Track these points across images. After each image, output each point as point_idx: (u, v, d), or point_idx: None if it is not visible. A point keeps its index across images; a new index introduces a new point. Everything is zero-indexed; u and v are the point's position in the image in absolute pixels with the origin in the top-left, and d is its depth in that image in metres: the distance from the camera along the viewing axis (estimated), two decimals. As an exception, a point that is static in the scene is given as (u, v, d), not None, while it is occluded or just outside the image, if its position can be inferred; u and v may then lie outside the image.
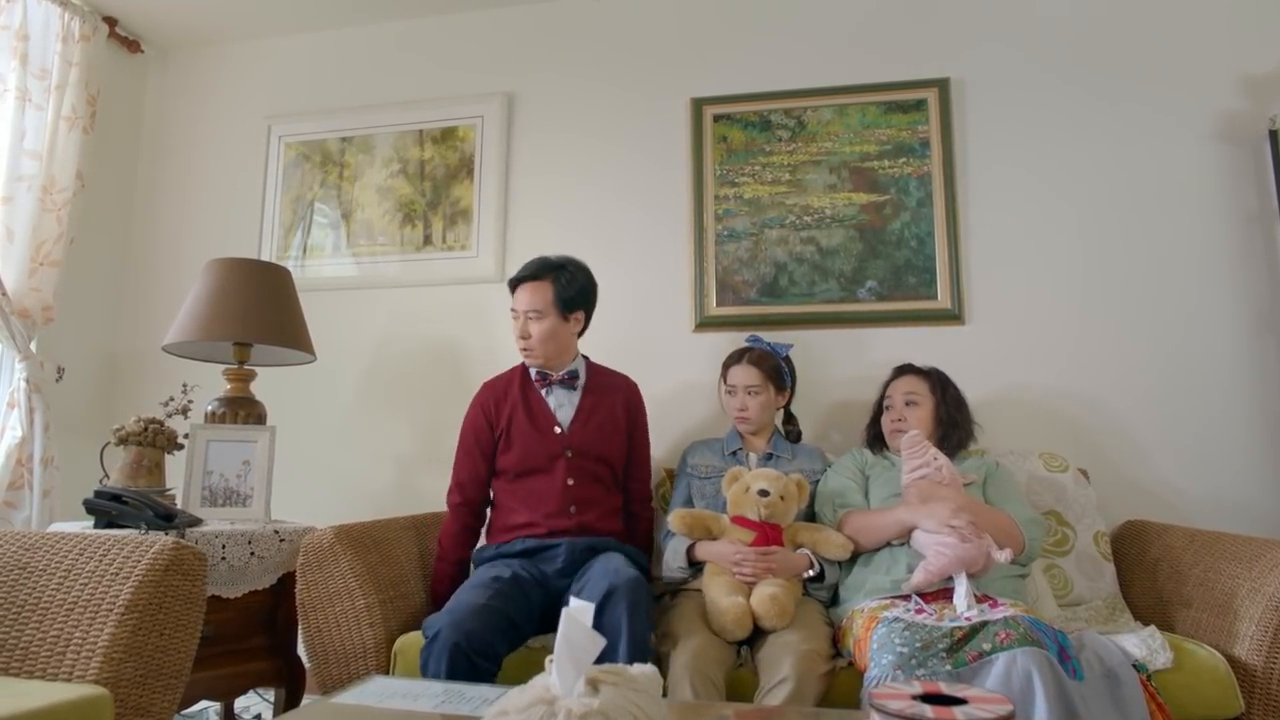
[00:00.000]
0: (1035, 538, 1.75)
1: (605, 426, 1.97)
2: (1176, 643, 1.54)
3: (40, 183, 2.51)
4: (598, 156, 2.70)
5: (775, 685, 1.45)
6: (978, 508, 1.73)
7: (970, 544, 1.58)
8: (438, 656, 1.49)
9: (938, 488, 1.73)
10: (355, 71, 2.94)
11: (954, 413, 1.95)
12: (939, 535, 1.62)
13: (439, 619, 1.56)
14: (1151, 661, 1.46)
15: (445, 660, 1.48)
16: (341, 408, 2.74)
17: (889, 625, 1.43)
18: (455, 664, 1.48)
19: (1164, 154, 2.34)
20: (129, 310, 2.96)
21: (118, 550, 1.43)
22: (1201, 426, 2.22)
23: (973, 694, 0.74)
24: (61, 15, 2.61)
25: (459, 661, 1.48)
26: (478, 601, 1.59)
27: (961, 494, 1.74)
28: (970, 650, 1.34)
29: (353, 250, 2.83)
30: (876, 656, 1.40)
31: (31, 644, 1.35)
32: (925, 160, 2.45)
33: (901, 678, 1.34)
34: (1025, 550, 1.72)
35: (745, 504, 1.82)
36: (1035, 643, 1.31)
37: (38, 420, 2.43)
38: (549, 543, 1.83)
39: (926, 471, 1.77)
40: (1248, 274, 2.25)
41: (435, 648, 1.51)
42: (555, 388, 2.00)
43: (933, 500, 1.70)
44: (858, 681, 1.45)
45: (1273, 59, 2.29)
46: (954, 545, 1.57)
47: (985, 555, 1.58)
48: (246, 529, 1.91)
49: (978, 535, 1.60)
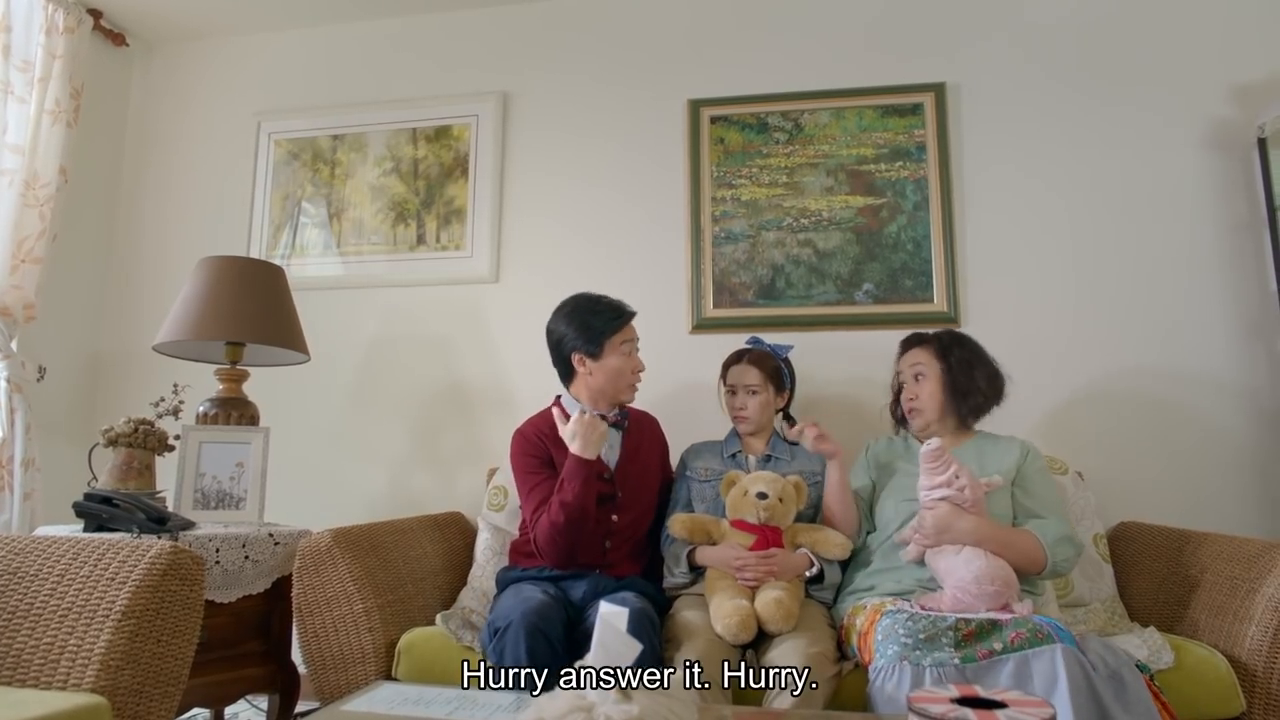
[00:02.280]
0: (1063, 559, 1.63)
1: (647, 466, 1.98)
2: (1176, 643, 1.56)
3: (23, 177, 2.45)
4: (594, 157, 2.69)
5: (785, 688, 1.44)
6: (999, 537, 1.61)
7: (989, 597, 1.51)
8: (514, 641, 1.49)
9: (957, 516, 1.61)
10: (347, 69, 2.90)
11: (963, 379, 1.82)
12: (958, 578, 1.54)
13: (509, 611, 1.56)
14: (1154, 662, 1.47)
15: (524, 642, 1.48)
16: (333, 409, 2.70)
17: (893, 617, 1.44)
18: (535, 646, 1.49)
19: (1155, 160, 2.37)
20: (113, 309, 2.90)
21: (113, 555, 1.39)
22: (1192, 430, 2.25)
23: (1012, 697, 0.73)
24: (45, 6, 2.55)
25: (538, 643, 1.49)
26: (538, 595, 1.61)
27: (984, 523, 1.62)
28: (980, 648, 1.34)
29: (344, 250, 2.79)
30: (881, 647, 1.40)
31: (24, 652, 1.31)
32: (921, 164, 2.47)
33: (908, 668, 1.34)
34: (1048, 569, 1.62)
35: (744, 507, 1.82)
36: (1048, 640, 1.31)
37: (19, 421, 2.37)
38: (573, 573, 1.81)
39: (947, 493, 1.63)
40: (1238, 280, 2.28)
41: (510, 635, 1.50)
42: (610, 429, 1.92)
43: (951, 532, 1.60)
44: (865, 681, 1.45)
45: (1262, 68, 2.33)
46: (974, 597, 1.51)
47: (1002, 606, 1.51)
48: (240, 532, 1.87)
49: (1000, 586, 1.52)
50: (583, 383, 1.92)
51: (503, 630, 1.53)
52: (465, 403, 2.64)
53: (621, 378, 1.91)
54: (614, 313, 1.91)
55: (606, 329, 1.88)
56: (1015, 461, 1.79)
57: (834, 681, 1.50)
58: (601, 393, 1.91)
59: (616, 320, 1.90)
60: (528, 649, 1.48)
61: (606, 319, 1.89)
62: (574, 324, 1.90)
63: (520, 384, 2.58)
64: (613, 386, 1.91)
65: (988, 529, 1.61)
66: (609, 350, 1.88)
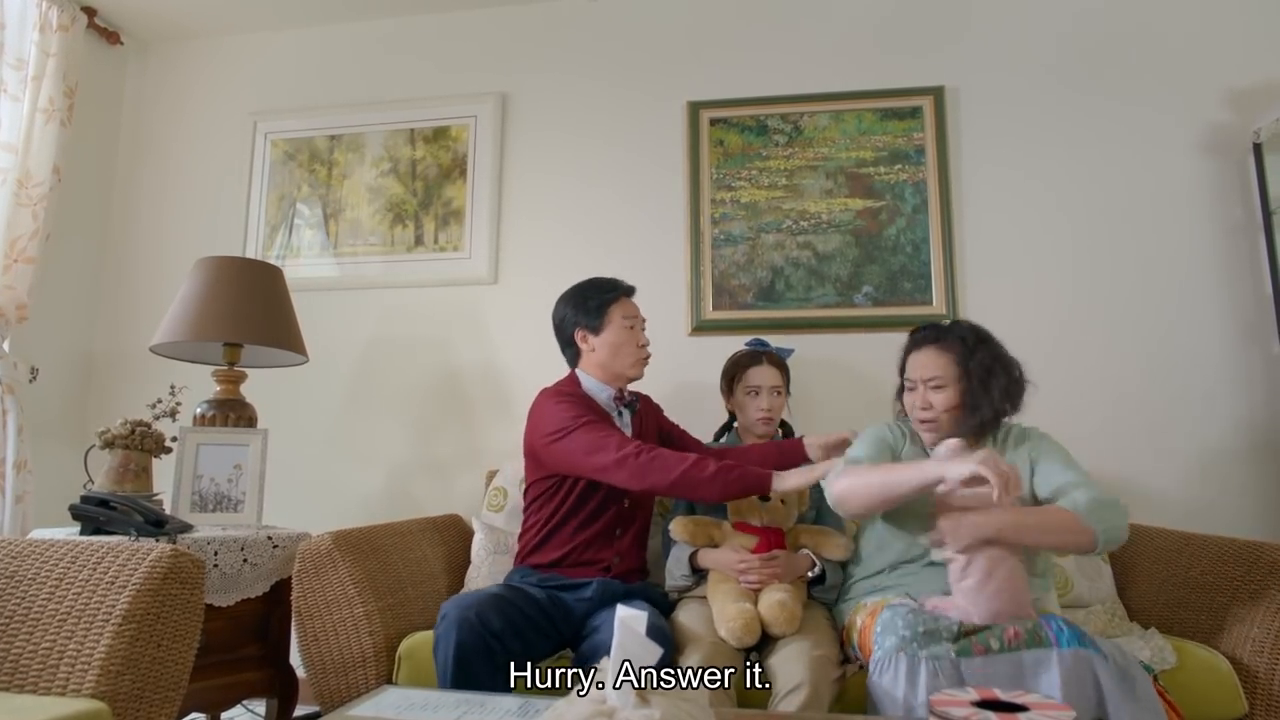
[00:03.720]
0: (1111, 526, 1.41)
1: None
2: (1178, 644, 1.56)
3: (15, 176, 2.42)
4: (593, 159, 2.68)
5: (790, 691, 1.44)
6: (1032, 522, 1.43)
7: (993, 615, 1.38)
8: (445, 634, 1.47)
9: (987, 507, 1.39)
10: (345, 69, 2.89)
11: (979, 392, 1.60)
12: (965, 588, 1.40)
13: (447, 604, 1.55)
14: (1157, 662, 1.48)
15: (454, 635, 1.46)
16: (330, 411, 2.68)
17: (894, 610, 1.42)
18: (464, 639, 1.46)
19: (1152, 164, 2.39)
20: (106, 309, 2.87)
21: (112, 558, 1.37)
22: (1189, 432, 2.26)
23: (1033, 700, 0.73)
24: (39, 4, 2.53)
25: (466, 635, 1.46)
26: (489, 592, 1.59)
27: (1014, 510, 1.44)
28: (977, 643, 1.33)
29: (341, 250, 2.77)
30: (880, 639, 1.39)
31: (22, 656, 1.29)
32: (920, 167, 2.47)
33: (904, 660, 1.33)
34: (1100, 542, 1.40)
35: (746, 509, 1.81)
36: (1044, 642, 1.31)
37: (10, 423, 2.34)
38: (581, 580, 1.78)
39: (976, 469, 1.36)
40: (1234, 283, 2.30)
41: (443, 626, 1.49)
42: (624, 410, 1.93)
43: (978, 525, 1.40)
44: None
45: (1258, 73, 2.35)
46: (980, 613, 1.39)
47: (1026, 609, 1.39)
48: (239, 535, 1.85)
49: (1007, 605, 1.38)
50: (588, 360, 1.91)
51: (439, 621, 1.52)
52: (463, 405, 2.62)
53: (624, 350, 1.89)
54: (610, 285, 1.94)
55: (604, 300, 1.90)
56: (1029, 459, 1.62)
57: (837, 685, 1.50)
58: (607, 368, 1.89)
59: (612, 292, 1.92)
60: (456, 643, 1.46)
61: (603, 291, 1.92)
62: (573, 303, 1.93)
63: (519, 386, 2.57)
64: (616, 361, 1.89)
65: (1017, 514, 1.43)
66: (608, 323, 1.89)
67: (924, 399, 1.65)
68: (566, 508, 1.82)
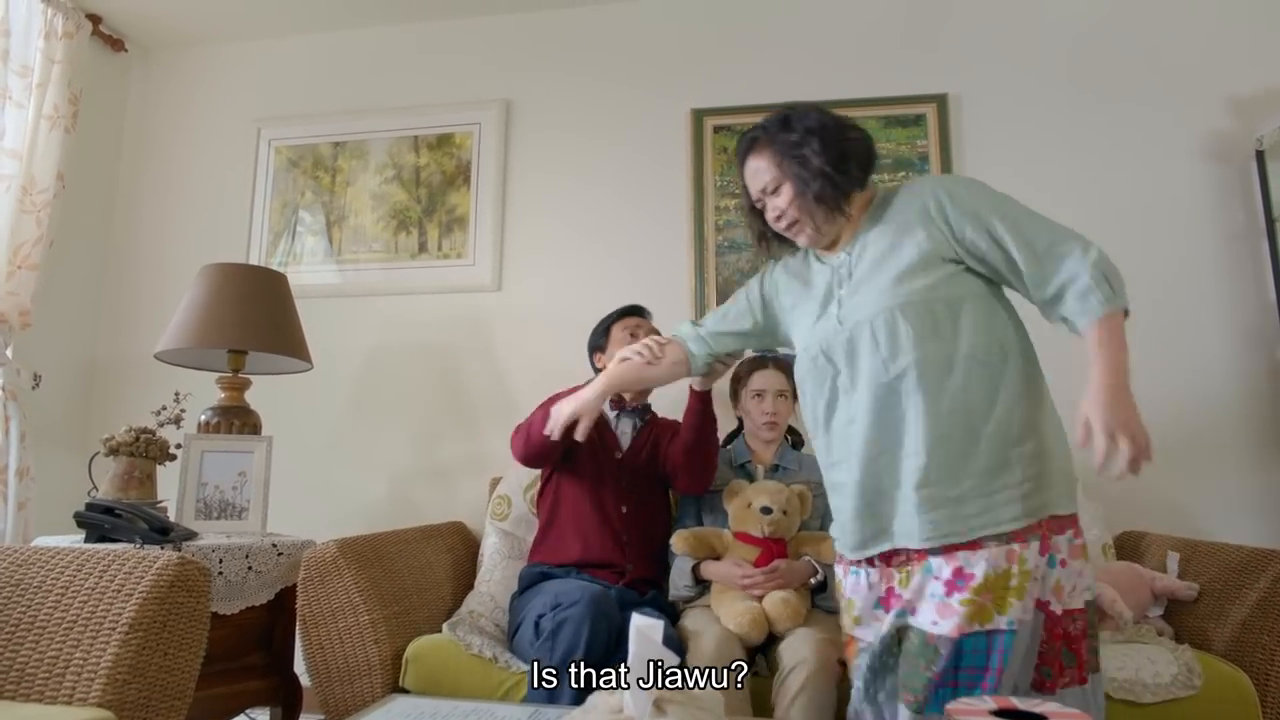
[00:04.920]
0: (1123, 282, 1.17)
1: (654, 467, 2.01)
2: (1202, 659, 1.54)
3: (20, 183, 2.42)
4: (598, 166, 2.69)
5: (795, 666, 1.50)
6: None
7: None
8: (576, 629, 1.51)
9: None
10: (348, 76, 2.89)
11: (799, 168, 1.35)
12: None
13: (570, 595, 1.60)
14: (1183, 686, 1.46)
15: (586, 629, 1.51)
16: (333, 418, 2.67)
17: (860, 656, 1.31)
18: (595, 634, 1.52)
19: (1155, 170, 2.39)
20: (109, 316, 2.87)
21: (118, 566, 1.37)
22: (1193, 438, 2.26)
23: (1051, 709, 0.73)
24: (44, 11, 2.53)
25: (600, 628, 1.53)
26: (595, 586, 1.69)
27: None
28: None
29: (344, 257, 2.77)
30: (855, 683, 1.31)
31: (28, 665, 1.29)
32: (924, 174, 2.48)
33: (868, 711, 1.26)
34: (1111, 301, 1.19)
35: (747, 520, 1.81)
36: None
37: (13, 429, 2.34)
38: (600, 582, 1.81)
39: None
40: (1236, 290, 2.30)
41: (575, 614, 1.53)
42: (624, 415, 2.03)
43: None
44: None
45: (1260, 81, 2.36)
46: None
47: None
48: (243, 542, 1.85)
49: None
50: None
51: (558, 626, 1.54)
52: (467, 412, 2.62)
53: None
54: (617, 311, 2.10)
55: (608, 323, 2.08)
56: (919, 213, 1.29)
57: (843, 667, 1.51)
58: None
59: (616, 314, 2.08)
60: (589, 637, 1.51)
61: (609, 317, 2.09)
62: (591, 334, 2.13)
63: (522, 393, 2.56)
64: None
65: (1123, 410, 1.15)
66: (612, 338, 2.04)
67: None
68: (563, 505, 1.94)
